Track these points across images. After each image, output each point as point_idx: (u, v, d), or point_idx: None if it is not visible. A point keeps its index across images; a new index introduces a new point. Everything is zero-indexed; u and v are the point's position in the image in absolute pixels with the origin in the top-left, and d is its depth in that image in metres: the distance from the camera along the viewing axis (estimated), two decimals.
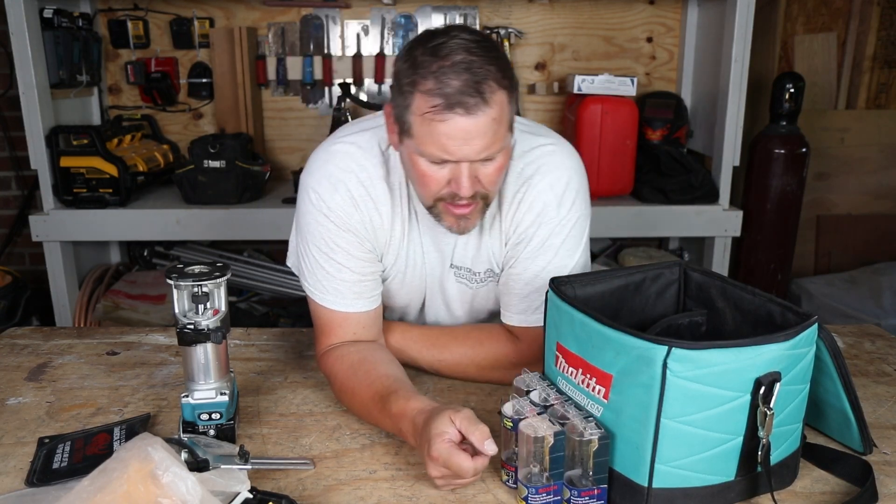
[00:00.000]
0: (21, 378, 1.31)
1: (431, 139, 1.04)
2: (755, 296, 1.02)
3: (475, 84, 1.00)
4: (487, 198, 1.13)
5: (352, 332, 1.23)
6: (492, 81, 1.01)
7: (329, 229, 1.19)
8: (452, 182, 1.08)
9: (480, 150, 1.04)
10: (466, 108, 1.01)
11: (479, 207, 1.13)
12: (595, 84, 2.66)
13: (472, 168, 1.06)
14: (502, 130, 1.06)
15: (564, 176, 1.21)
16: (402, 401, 1.04)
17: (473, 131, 1.02)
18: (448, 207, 1.11)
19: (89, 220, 2.55)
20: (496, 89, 1.02)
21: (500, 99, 1.04)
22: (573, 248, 1.22)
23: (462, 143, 1.03)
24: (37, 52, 2.44)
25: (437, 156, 1.05)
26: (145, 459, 0.81)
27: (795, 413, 0.95)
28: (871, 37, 3.14)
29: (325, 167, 1.20)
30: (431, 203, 1.12)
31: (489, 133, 1.03)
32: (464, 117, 1.01)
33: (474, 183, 1.08)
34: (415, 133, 1.06)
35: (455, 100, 1.00)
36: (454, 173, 1.07)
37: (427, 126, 1.03)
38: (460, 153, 1.04)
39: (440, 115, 1.01)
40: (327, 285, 1.22)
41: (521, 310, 1.24)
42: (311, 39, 2.95)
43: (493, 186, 1.11)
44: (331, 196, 1.18)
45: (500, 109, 1.04)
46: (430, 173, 1.08)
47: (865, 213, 3.26)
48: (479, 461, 0.92)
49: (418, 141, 1.06)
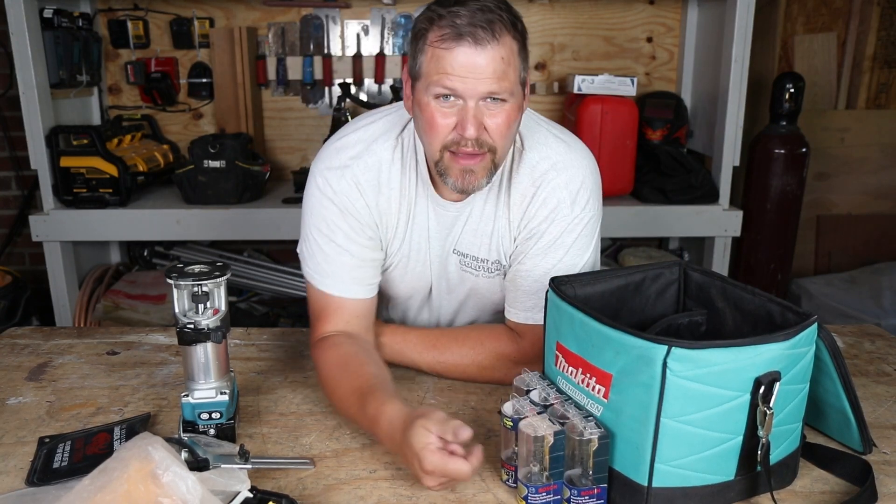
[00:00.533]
0: (21, 378, 1.31)
1: (438, 69, 1.05)
2: (755, 296, 1.02)
3: (486, 21, 1.03)
4: (495, 152, 1.11)
5: (345, 320, 1.23)
6: (503, 25, 1.04)
7: (332, 212, 1.21)
8: (458, 125, 1.08)
9: (487, 85, 1.04)
10: (475, 38, 1.02)
11: (485, 164, 1.11)
12: (595, 84, 2.66)
13: (478, 110, 1.07)
14: (511, 74, 1.06)
15: (580, 175, 1.21)
16: (377, 403, 1.03)
17: (481, 63, 1.03)
18: (454, 159, 1.10)
19: (89, 220, 2.55)
20: (506, 32, 1.04)
21: (510, 43, 1.05)
22: (584, 247, 1.23)
23: (468, 73, 1.04)
24: (37, 52, 2.44)
25: (444, 84, 1.05)
26: (145, 459, 0.81)
27: (795, 413, 0.95)
28: (871, 37, 3.14)
29: (335, 155, 1.22)
30: (438, 155, 1.12)
31: (497, 70, 1.04)
32: (472, 48, 1.03)
33: (479, 127, 1.07)
34: (424, 70, 1.07)
35: (465, 30, 1.02)
36: (460, 116, 1.07)
37: (436, 58, 1.05)
38: (465, 85, 1.04)
39: (448, 44, 1.03)
40: (326, 268, 1.22)
41: (527, 307, 1.24)
42: (311, 39, 2.95)
43: (500, 138, 1.10)
44: (337, 181, 1.20)
45: (510, 52, 1.05)
46: (437, 116, 1.08)
47: (865, 213, 3.26)
48: (473, 459, 0.91)
49: (426, 77, 1.07)
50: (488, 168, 1.12)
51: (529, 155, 1.21)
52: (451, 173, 1.12)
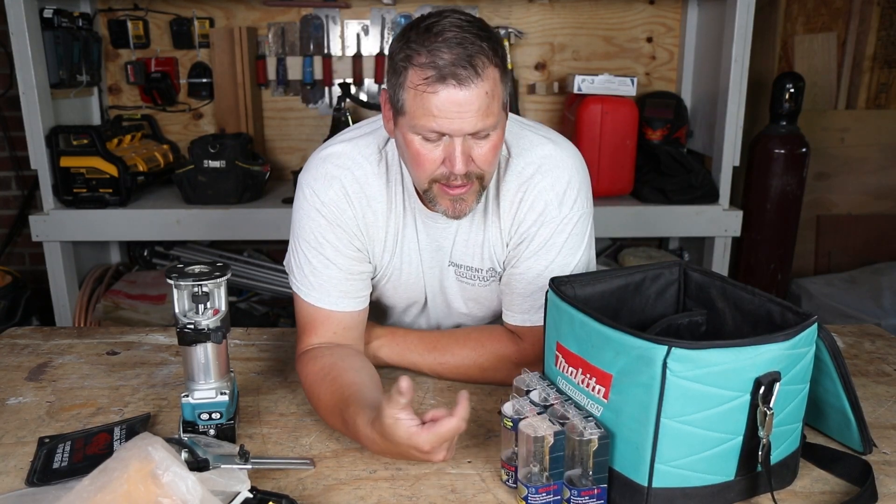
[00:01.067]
0: (21, 378, 1.31)
1: (424, 112, 1.04)
2: (755, 296, 1.02)
3: (468, 57, 1.01)
4: (483, 179, 1.11)
5: (332, 331, 1.22)
6: (484, 57, 1.03)
7: (320, 224, 1.20)
8: (446, 160, 1.07)
9: (473, 124, 1.04)
10: (459, 79, 1.01)
11: (474, 189, 1.11)
12: (595, 84, 2.66)
13: (466, 145, 1.06)
14: (495, 106, 1.06)
15: (565, 175, 1.21)
16: (352, 417, 1.02)
17: (466, 104, 1.02)
18: (443, 189, 1.10)
19: (89, 220, 2.55)
20: (488, 65, 1.03)
21: (493, 75, 1.04)
22: (576, 246, 1.22)
23: (455, 115, 1.03)
24: (37, 52, 2.44)
25: (430, 128, 1.04)
26: (145, 459, 0.81)
27: (795, 413, 0.95)
28: (871, 37, 3.14)
29: (322, 165, 1.21)
30: (426, 186, 1.11)
31: (482, 106, 1.03)
32: (456, 89, 1.02)
33: (468, 161, 1.07)
34: (408, 109, 1.06)
35: (448, 71, 1.01)
36: (447, 151, 1.06)
37: (420, 99, 1.03)
38: (452, 126, 1.04)
39: (432, 87, 1.02)
40: (313, 281, 1.22)
41: (524, 309, 1.24)
42: (311, 39, 2.95)
43: (487, 166, 1.10)
44: (324, 192, 1.19)
45: (493, 85, 1.04)
46: (423, 152, 1.07)
47: (865, 213, 3.27)
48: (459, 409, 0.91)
49: (411, 116, 1.06)
50: (477, 192, 1.13)
51: (516, 162, 1.21)
52: (441, 202, 1.13)
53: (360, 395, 1.06)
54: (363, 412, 1.01)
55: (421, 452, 0.93)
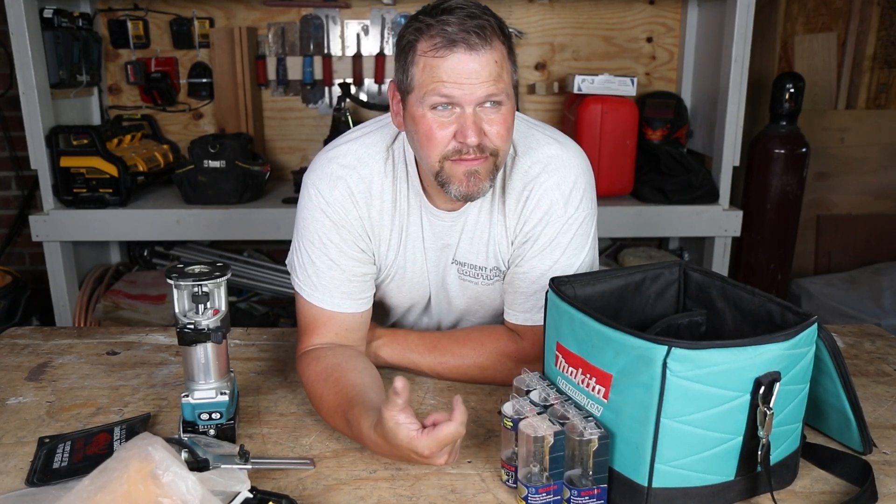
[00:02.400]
0: (21, 378, 1.31)
1: (433, 78, 1.04)
2: (755, 296, 1.02)
3: (477, 26, 1.02)
4: (497, 155, 1.10)
5: (334, 332, 1.22)
6: (492, 29, 1.04)
7: (325, 224, 1.20)
8: (458, 133, 1.07)
9: (484, 89, 1.04)
10: (469, 44, 1.02)
11: (488, 165, 1.10)
12: (595, 84, 2.66)
13: (477, 116, 1.06)
14: (505, 76, 1.06)
15: (571, 175, 1.21)
16: (356, 420, 1.02)
17: (476, 68, 1.03)
18: (455, 165, 1.09)
19: (89, 220, 2.55)
20: (496, 37, 1.04)
21: (501, 47, 1.05)
22: (580, 246, 1.22)
23: (465, 80, 1.03)
24: (37, 52, 2.44)
25: (440, 93, 1.04)
26: (146, 459, 0.81)
27: (795, 413, 0.95)
28: (871, 37, 3.14)
29: (327, 166, 1.21)
30: (438, 166, 1.10)
31: (493, 73, 1.04)
32: (466, 54, 1.02)
33: (479, 132, 1.06)
34: (417, 81, 1.06)
35: (458, 37, 1.02)
36: (459, 123, 1.06)
37: (429, 67, 1.04)
38: (462, 92, 1.04)
39: (441, 53, 1.03)
40: (316, 282, 1.22)
41: (526, 308, 1.24)
42: (311, 39, 2.95)
43: (500, 141, 1.09)
44: (329, 192, 1.19)
45: (502, 56, 1.05)
46: (434, 127, 1.07)
47: (865, 213, 3.27)
48: (457, 414, 0.90)
49: (420, 87, 1.06)
50: (490, 170, 1.11)
51: (522, 160, 1.21)
52: (454, 179, 1.10)
53: (363, 397, 1.06)
54: (367, 414, 1.01)
55: (422, 457, 0.92)
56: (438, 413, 0.92)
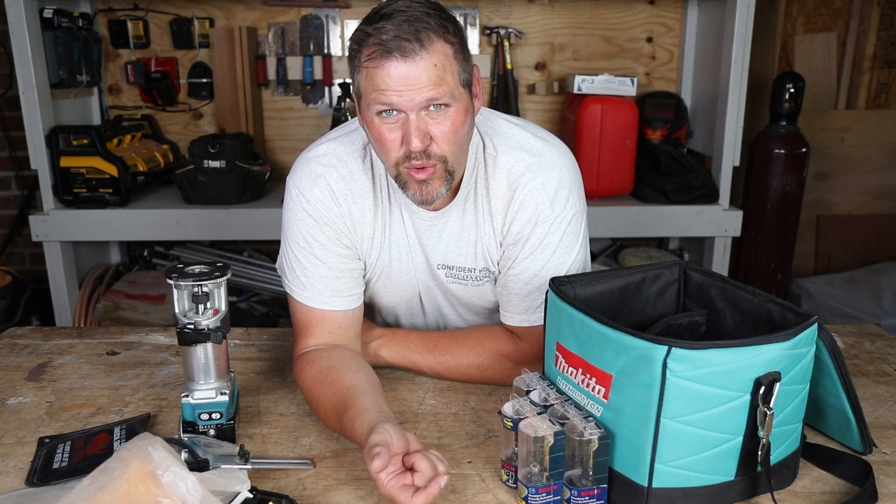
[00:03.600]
0: (21, 378, 1.31)
1: (373, 87, 1.04)
2: (755, 296, 1.02)
3: (412, 31, 1.02)
4: (446, 161, 1.10)
5: (327, 331, 1.22)
6: (430, 31, 1.03)
7: (307, 224, 1.21)
8: (404, 139, 1.07)
9: (423, 95, 1.03)
10: (403, 52, 1.02)
11: (439, 172, 1.10)
12: (595, 84, 2.66)
13: (421, 121, 1.06)
14: (449, 78, 1.05)
15: (555, 174, 1.20)
16: (350, 423, 1.02)
17: (412, 76, 1.02)
18: (409, 173, 1.10)
19: (89, 220, 2.55)
20: (436, 39, 1.03)
21: (442, 49, 1.04)
22: (570, 245, 1.22)
23: (402, 88, 1.03)
24: (37, 52, 2.44)
25: (381, 101, 1.04)
26: (146, 459, 0.81)
27: (795, 413, 0.95)
28: (871, 37, 3.14)
29: (307, 165, 1.23)
30: (395, 172, 1.11)
31: (432, 78, 1.03)
32: (401, 62, 1.02)
33: (424, 137, 1.06)
34: (363, 89, 1.07)
35: (392, 45, 1.01)
36: (404, 130, 1.06)
37: (370, 77, 1.04)
38: (402, 99, 1.04)
39: (377, 62, 1.03)
40: (304, 281, 1.22)
41: (522, 310, 1.24)
42: (311, 39, 2.95)
43: (447, 145, 1.08)
44: (310, 190, 1.20)
45: (443, 57, 1.04)
46: (384, 133, 1.07)
47: (865, 213, 3.27)
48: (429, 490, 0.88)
49: (366, 95, 1.06)
50: (443, 177, 1.11)
51: (503, 159, 1.20)
52: (410, 187, 1.12)
53: (357, 399, 1.06)
54: (361, 417, 1.01)
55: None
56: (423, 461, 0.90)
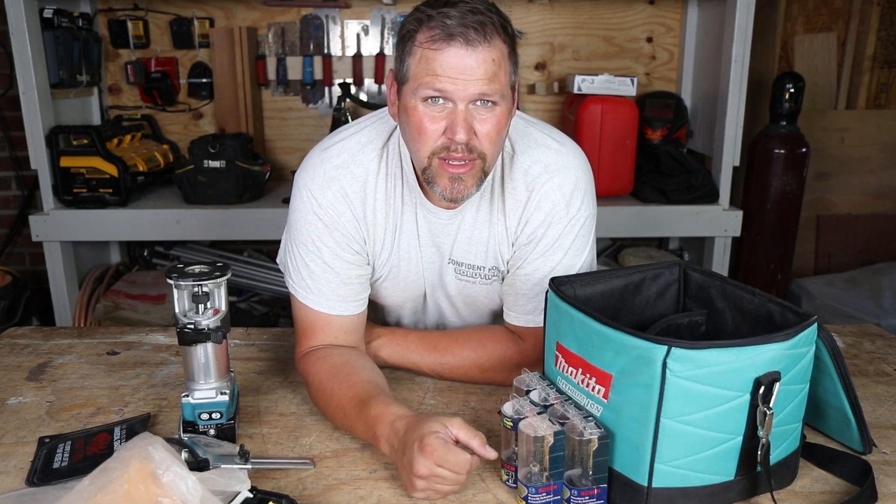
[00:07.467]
0: (21, 378, 1.31)
1: (427, 70, 1.03)
2: (755, 296, 1.02)
3: (477, 22, 1.01)
4: (485, 159, 1.09)
5: (333, 335, 1.22)
6: (494, 26, 1.03)
7: (318, 228, 1.19)
8: (448, 129, 1.05)
9: (478, 87, 1.02)
10: (466, 39, 1.01)
11: (475, 170, 1.09)
12: (595, 84, 2.66)
13: (469, 114, 1.05)
14: (502, 76, 1.05)
15: (572, 176, 1.20)
16: (381, 405, 1.02)
17: (471, 66, 1.02)
18: (443, 165, 1.08)
19: (89, 220, 2.55)
20: (497, 35, 1.03)
21: (500, 46, 1.04)
22: (581, 247, 1.22)
23: (459, 76, 1.02)
24: (37, 52, 2.44)
25: (433, 86, 1.03)
26: (146, 459, 0.81)
27: (795, 413, 0.95)
28: (871, 37, 3.14)
29: (320, 166, 1.20)
30: (426, 162, 1.09)
31: (489, 72, 1.02)
32: (463, 49, 1.01)
33: (469, 131, 1.05)
34: (412, 72, 1.05)
35: (456, 31, 1.01)
36: (450, 119, 1.05)
37: (425, 59, 1.03)
38: (456, 87, 1.03)
39: (438, 45, 1.02)
40: (311, 285, 1.21)
41: (528, 310, 1.24)
42: (311, 39, 2.95)
43: (490, 144, 1.08)
44: (322, 193, 1.18)
45: (500, 55, 1.04)
46: (425, 121, 1.06)
47: (865, 213, 3.27)
48: (473, 459, 0.91)
49: (415, 78, 1.05)
50: (478, 176, 1.10)
51: (521, 159, 1.20)
52: (440, 181, 1.10)
53: (386, 391, 1.09)
54: (396, 403, 1.03)
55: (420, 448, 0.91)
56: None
